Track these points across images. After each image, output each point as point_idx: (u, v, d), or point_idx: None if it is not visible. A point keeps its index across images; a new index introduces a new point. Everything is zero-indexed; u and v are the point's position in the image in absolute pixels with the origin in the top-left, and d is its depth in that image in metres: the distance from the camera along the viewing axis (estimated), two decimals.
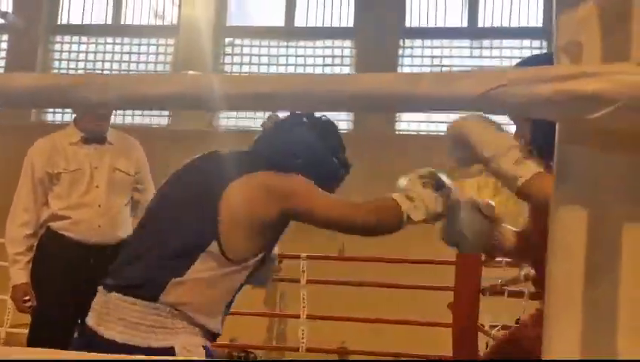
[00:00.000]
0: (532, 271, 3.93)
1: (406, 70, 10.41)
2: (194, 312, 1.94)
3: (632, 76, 0.87)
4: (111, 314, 1.97)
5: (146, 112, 10.74)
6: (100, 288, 2.08)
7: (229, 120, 10.63)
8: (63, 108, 3.44)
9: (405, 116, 10.29)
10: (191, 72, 3.63)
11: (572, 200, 0.94)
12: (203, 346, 1.95)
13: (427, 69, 10.38)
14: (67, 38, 10.81)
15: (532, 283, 2.58)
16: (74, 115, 3.73)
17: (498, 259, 4.79)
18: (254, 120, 10.59)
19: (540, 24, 10.11)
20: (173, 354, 1.85)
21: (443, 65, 10.37)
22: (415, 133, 10.23)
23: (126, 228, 3.61)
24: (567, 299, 0.93)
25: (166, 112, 10.68)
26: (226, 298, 2.06)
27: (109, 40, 10.76)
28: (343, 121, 10.37)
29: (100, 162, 3.56)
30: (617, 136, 0.93)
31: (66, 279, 3.40)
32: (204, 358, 1.90)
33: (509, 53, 10.24)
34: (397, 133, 10.22)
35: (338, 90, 0.94)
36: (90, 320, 2.02)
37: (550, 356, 0.93)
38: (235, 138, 10.79)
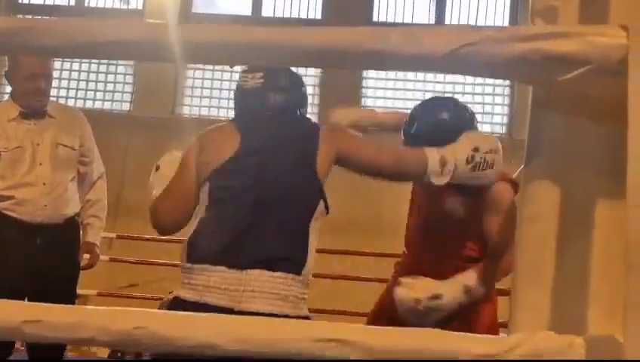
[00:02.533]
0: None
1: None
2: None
3: (605, 38, 0.84)
4: (255, 289, 1.98)
5: (107, 97, 10.55)
6: (223, 268, 2.02)
7: (191, 108, 10.49)
8: (8, 55, 3.18)
9: (370, 100, 10.29)
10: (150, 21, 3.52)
11: (544, 170, 0.91)
12: None
13: None
14: (29, 18, 10.56)
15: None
16: (10, 89, 3.53)
17: None
18: (218, 109, 10.48)
19: (506, 23, 10.19)
20: None
21: None
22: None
23: (73, 205, 3.46)
24: (537, 270, 0.90)
25: (128, 98, 10.50)
26: None
27: (82, 20, 10.54)
28: (308, 114, 10.33)
29: (41, 138, 3.35)
30: (590, 105, 0.90)
31: (13, 260, 3.26)
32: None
33: None
34: None
35: (302, 43, 0.90)
36: (218, 301, 1.99)
37: (518, 327, 0.90)
38: (198, 126, 10.63)
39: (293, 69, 2.48)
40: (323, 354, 0.87)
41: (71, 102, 10.58)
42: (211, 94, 10.48)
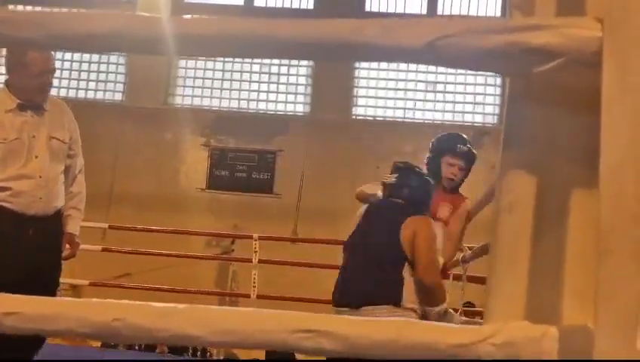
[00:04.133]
0: (469, 253, 3.98)
1: None
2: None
3: (580, 30, 0.85)
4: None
5: (99, 87, 10.52)
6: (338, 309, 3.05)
7: (184, 98, 10.49)
8: None
9: (361, 101, 10.29)
10: (131, 13, 3.56)
11: (520, 160, 0.92)
12: None
13: None
14: (20, 8, 10.49)
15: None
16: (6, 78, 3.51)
17: None
18: (210, 99, 10.47)
19: (498, 12, 10.19)
20: None
21: None
22: (371, 118, 10.24)
23: (62, 197, 3.49)
24: (512, 260, 0.91)
25: (120, 88, 10.48)
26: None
27: (64, 11, 10.49)
28: (300, 103, 10.32)
29: (37, 131, 3.37)
30: (567, 95, 0.91)
31: (6, 251, 3.27)
32: None
33: None
34: (353, 118, 10.22)
35: (281, 35, 0.90)
36: None
37: (492, 317, 0.91)
38: (189, 116, 10.62)
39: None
40: (301, 344, 0.88)
41: (63, 93, 10.54)
42: (204, 84, 10.47)
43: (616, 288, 0.76)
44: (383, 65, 10.36)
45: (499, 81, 10.17)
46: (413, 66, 10.33)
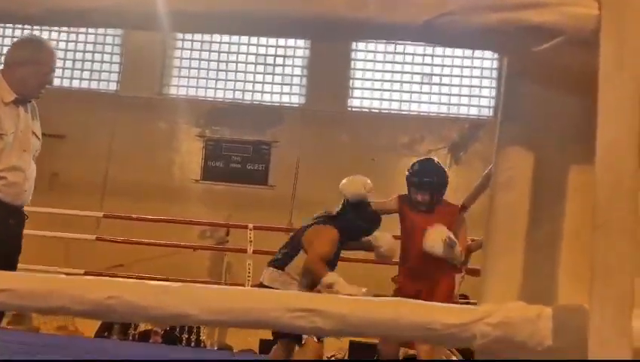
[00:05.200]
0: (470, 244, 4.07)
1: (360, 47, 10.37)
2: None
3: (578, 8, 0.84)
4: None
5: (93, 77, 10.47)
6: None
7: (179, 88, 10.45)
8: None
9: (357, 92, 10.28)
10: None
11: (517, 137, 0.91)
12: None
13: (381, 46, 10.36)
14: None
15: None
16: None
17: None
18: (205, 89, 10.44)
19: None
20: None
21: (397, 43, 10.36)
22: (367, 109, 10.24)
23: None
24: (509, 238, 0.90)
25: (115, 78, 10.44)
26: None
27: None
28: (295, 94, 10.31)
29: (25, 125, 3.49)
30: (564, 74, 0.91)
31: None
32: None
33: None
34: (348, 109, 10.21)
35: (278, 12, 0.89)
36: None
37: (488, 297, 0.90)
38: (184, 106, 10.57)
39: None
40: (295, 323, 0.88)
41: (57, 82, 10.49)
42: (199, 75, 10.44)
43: (610, 263, 0.76)
44: (379, 57, 10.35)
45: (494, 73, 10.17)
46: (409, 58, 10.33)
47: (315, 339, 4.00)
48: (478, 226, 3.98)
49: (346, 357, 7.68)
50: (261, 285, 4.11)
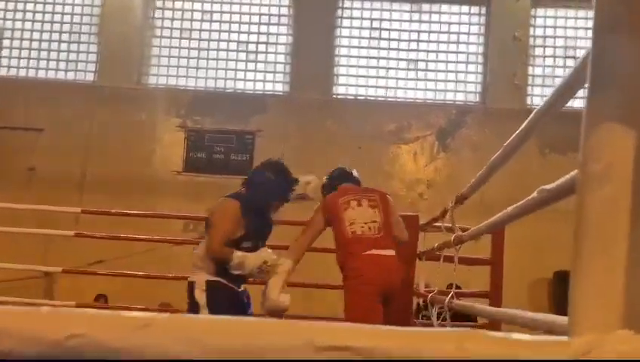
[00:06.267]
0: (461, 234, 3.79)
1: (345, 33, 10.12)
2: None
3: None
4: None
5: (70, 67, 10.13)
6: None
7: (158, 78, 10.14)
8: None
9: (342, 79, 10.04)
10: None
11: (612, 113, 0.69)
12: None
13: (366, 32, 10.12)
14: None
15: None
16: None
17: (437, 224, 4.64)
18: (186, 78, 10.13)
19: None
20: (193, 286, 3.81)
21: (382, 29, 10.12)
22: (352, 97, 10.00)
23: None
24: (605, 244, 0.68)
25: (92, 68, 10.10)
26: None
27: None
28: (279, 82, 10.04)
29: None
30: None
31: None
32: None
33: (448, 18, 10.08)
34: (333, 96, 9.96)
35: None
36: None
37: (583, 321, 0.68)
38: (164, 96, 10.29)
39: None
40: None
41: (32, 73, 10.16)
42: (179, 63, 10.12)
43: None
44: (364, 42, 10.10)
45: (481, 58, 9.97)
46: (394, 44, 10.09)
47: None
48: (471, 216, 3.76)
49: None
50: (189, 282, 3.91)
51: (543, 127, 2.08)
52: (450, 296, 3.90)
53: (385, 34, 10.12)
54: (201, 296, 3.78)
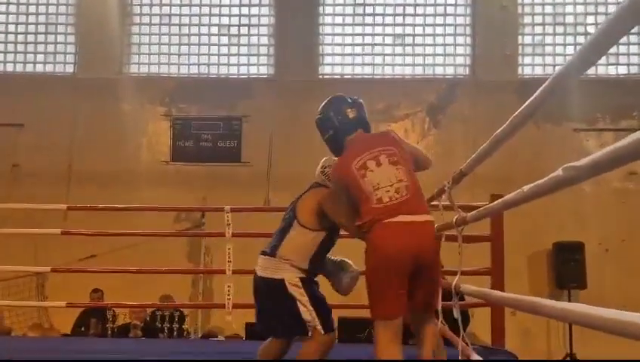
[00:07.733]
0: (464, 215, 3.60)
1: (328, 10, 9.90)
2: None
3: None
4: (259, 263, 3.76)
5: (48, 59, 9.86)
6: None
7: (140, 66, 9.89)
8: None
9: (328, 59, 9.83)
10: None
11: None
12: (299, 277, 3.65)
13: (350, 9, 9.90)
14: None
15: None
16: None
17: (434, 203, 4.48)
18: (168, 66, 9.88)
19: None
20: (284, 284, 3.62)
21: (366, 4, 9.90)
22: (339, 76, 9.79)
23: None
24: None
25: (71, 59, 9.83)
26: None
27: None
28: (263, 65, 9.83)
29: None
30: None
31: None
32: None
33: None
34: (320, 77, 9.76)
35: None
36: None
37: None
38: (147, 85, 10.07)
39: None
40: None
41: (9, 67, 9.89)
42: (160, 50, 9.86)
43: None
44: (348, 19, 9.88)
45: (469, 30, 9.78)
46: (379, 19, 9.87)
47: (322, 331, 3.58)
48: (461, 190, 3.58)
49: None
50: (255, 276, 3.72)
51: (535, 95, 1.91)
52: (457, 277, 3.76)
53: (369, 9, 9.90)
54: (298, 292, 3.60)
